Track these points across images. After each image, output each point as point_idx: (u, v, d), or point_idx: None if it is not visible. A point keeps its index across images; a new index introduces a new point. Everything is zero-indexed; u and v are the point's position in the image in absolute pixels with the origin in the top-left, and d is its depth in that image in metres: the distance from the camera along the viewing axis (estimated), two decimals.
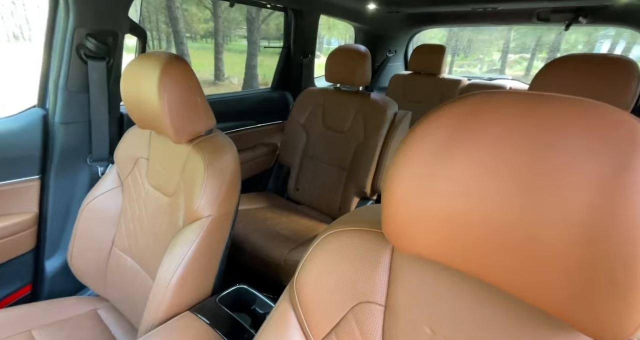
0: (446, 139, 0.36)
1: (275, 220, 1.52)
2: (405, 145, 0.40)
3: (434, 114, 0.39)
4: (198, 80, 0.93)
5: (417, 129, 0.39)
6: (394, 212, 0.42)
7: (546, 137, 0.31)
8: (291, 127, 1.75)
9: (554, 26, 2.00)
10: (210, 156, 0.88)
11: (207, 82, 7.42)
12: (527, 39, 12.48)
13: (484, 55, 13.92)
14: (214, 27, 7.05)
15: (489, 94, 0.37)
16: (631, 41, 10.77)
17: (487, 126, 0.34)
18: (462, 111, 0.37)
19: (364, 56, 1.53)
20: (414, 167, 0.38)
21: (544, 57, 12.15)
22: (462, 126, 0.36)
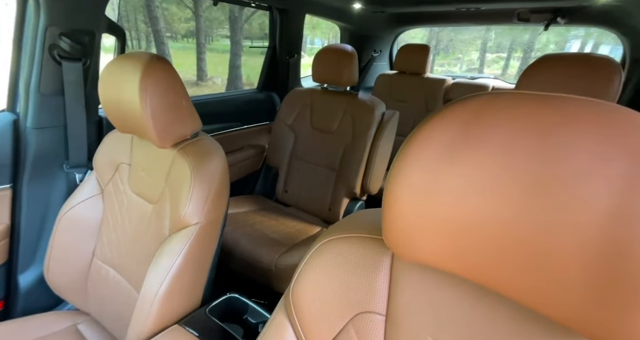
0: (450, 142, 0.34)
1: (264, 223, 1.48)
2: (406, 149, 0.38)
3: (435, 116, 0.37)
4: (182, 81, 0.89)
5: (419, 133, 0.37)
6: (395, 218, 0.40)
7: (556, 141, 0.29)
8: (279, 128, 1.72)
9: (534, 26, 2.03)
10: (196, 161, 0.84)
11: (189, 82, 7.26)
12: (503, 38, 12.86)
13: (463, 55, 14.26)
14: (196, 27, 6.90)
15: (492, 96, 0.35)
16: (599, 41, 11.26)
17: (492, 129, 0.32)
18: (465, 114, 0.35)
19: (350, 56, 1.51)
20: (416, 172, 0.36)
21: (519, 56, 12.56)
22: (466, 129, 0.34)
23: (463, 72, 13.41)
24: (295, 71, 2.04)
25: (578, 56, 0.90)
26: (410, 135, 0.38)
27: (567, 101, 0.31)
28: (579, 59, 0.89)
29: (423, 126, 0.37)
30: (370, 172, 1.49)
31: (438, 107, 2.17)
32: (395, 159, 0.39)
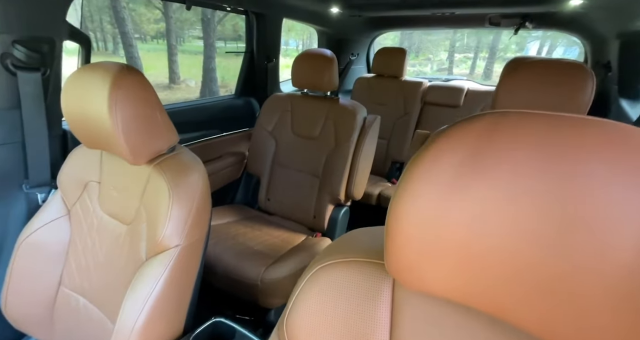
0: (459, 165, 0.32)
1: (247, 235, 1.41)
2: (412, 171, 0.35)
3: (442, 137, 0.34)
4: (156, 92, 0.81)
5: (425, 154, 0.34)
6: (399, 246, 0.36)
7: (574, 164, 0.27)
8: (259, 135, 1.65)
9: (504, 30, 2.09)
10: (174, 177, 0.77)
11: (161, 85, 6.97)
12: (470, 39, 13.35)
13: (433, 55, 14.67)
14: (166, 28, 6.63)
15: (501, 115, 0.33)
16: (554, 43, 11.93)
17: (504, 151, 0.30)
18: (474, 135, 0.32)
19: (330, 61, 1.47)
20: (423, 196, 0.33)
21: (484, 56, 13.08)
22: (476, 151, 0.31)
23: (434, 71, 13.78)
24: (274, 76, 1.98)
25: (552, 62, 0.91)
26: (416, 157, 0.35)
27: (578, 122, 0.29)
28: (554, 64, 0.90)
29: (429, 147, 0.34)
30: (354, 177, 1.46)
31: (416, 109, 2.18)
32: (400, 182, 0.36)
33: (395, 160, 2.22)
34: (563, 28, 1.92)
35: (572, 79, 0.86)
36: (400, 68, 2.20)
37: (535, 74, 0.90)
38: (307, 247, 1.35)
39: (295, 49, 15.18)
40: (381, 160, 2.24)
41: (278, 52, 1.93)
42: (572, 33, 1.94)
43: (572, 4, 1.39)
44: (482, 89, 2.09)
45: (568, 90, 0.87)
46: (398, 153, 2.21)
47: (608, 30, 1.59)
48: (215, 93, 5.99)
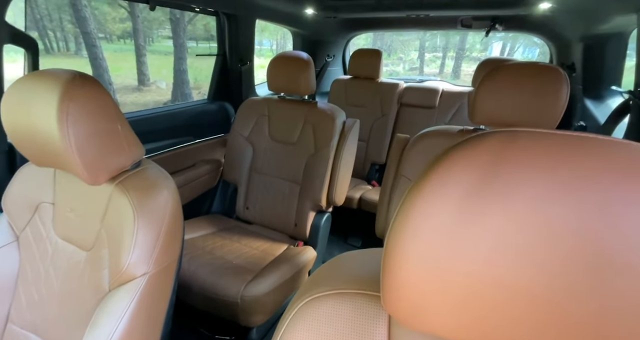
0: (467, 193, 0.28)
1: (225, 248, 1.33)
2: (413, 200, 0.30)
3: (445, 161, 0.30)
4: (116, 102, 0.72)
5: (427, 181, 0.30)
6: (398, 286, 0.32)
7: (604, 190, 0.24)
8: (235, 141, 1.57)
9: (476, 32, 2.11)
10: (140, 197, 0.68)
11: (129, 87, 6.61)
12: (438, 39, 13.73)
13: (404, 55, 14.95)
14: (133, 28, 6.29)
15: (510, 135, 0.28)
16: (514, 43, 12.51)
17: (520, 177, 0.26)
18: (481, 159, 0.28)
19: (307, 64, 1.41)
20: (424, 232, 0.29)
21: (452, 55, 13.50)
22: (486, 178, 0.27)
23: (406, 71, 14.04)
24: (248, 79, 1.89)
25: (529, 65, 0.90)
26: (414, 187, 0.30)
27: (602, 143, 0.26)
28: (530, 68, 0.89)
29: (431, 173, 0.29)
30: (335, 183, 1.41)
31: (393, 111, 2.17)
32: (397, 216, 0.31)
33: (374, 162, 2.20)
34: (530, 30, 1.97)
35: (549, 82, 0.86)
36: (376, 70, 2.17)
37: (512, 76, 0.89)
38: (289, 258, 1.29)
39: (270, 49, 14.97)
40: (360, 163, 2.21)
41: (252, 54, 1.84)
42: (539, 35, 1.99)
43: (541, 7, 1.41)
44: (456, 89, 2.11)
45: (545, 93, 0.86)
46: (377, 155, 2.18)
47: (572, 33, 1.63)
48: (187, 96, 5.75)
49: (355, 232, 2.08)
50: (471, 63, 13.38)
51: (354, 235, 2.07)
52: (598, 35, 1.48)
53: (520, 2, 1.43)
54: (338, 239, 2.07)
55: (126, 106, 5.88)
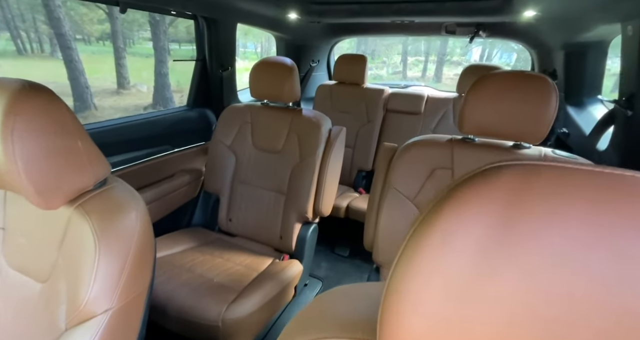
0: (483, 240, 0.23)
1: (206, 264, 1.24)
2: (420, 238, 0.26)
3: (457, 196, 0.25)
4: (75, 115, 0.64)
5: (429, 232, 0.25)
6: (400, 336, 0.26)
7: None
8: (216, 150, 1.49)
9: (460, 38, 2.11)
10: (103, 221, 0.60)
11: (108, 91, 6.37)
12: (420, 44, 13.97)
13: (387, 59, 15.13)
14: (111, 29, 6.07)
15: (532, 170, 0.24)
16: (492, 48, 12.89)
17: (547, 221, 0.22)
18: (502, 195, 0.24)
19: (290, 70, 1.35)
20: (434, 275, 0.25)
21: (434, 59, 13.77)
22: (507, 218, 0.23)
23: (389, 74, 14.20)
24: (230, 85, 1.81)
25: (517, 75, 0.87)
26: (424, 222, 0.26)
27: (637, 181, 0.22)
28: (519, 76, 0.86)
29: (441, 211, 0.25)
30: (322, 193, 1.35)
31: (378, 117, 2.13)
32: (404, 251, 0.27)
33: (361, 168, 2.16)
34: (514, 37, 1.97)
35: (538, 92, 0.83)
36: (361, 75, 2.13)
37: (501, 86, 0.86)
38: (275, 273, 1.22)
39: (254, 52, 14.83)
40: (347, 169, 2.16)
41: (233, 59, 1.76)
42: (522, 42, 2.00)
43: (525, 15, 1.41)
44: (441, 95, 2.09)
45: (534, 103, 0.83)
46: (364, 162, 2.14)
47: (554, 40, 1.64)
48: (167, 99, 5.58)
49: (342, 241, 2.03)
50: (452, 67, 13.68)
51: (341, 245, 2.02)
52: (579, 44, 1.49)
53: (505, 10, 1.42)
54: (325, 249, 2.01)
55: (105, 110, 5.65)
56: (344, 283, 1.86)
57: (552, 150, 0.91)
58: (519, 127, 0.84)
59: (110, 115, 5.48)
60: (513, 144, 0.93)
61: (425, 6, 1.60)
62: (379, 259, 1.03)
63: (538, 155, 0.88)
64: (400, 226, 0.99)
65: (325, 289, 1.69)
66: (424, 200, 0.96)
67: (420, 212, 0.28)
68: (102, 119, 1.40)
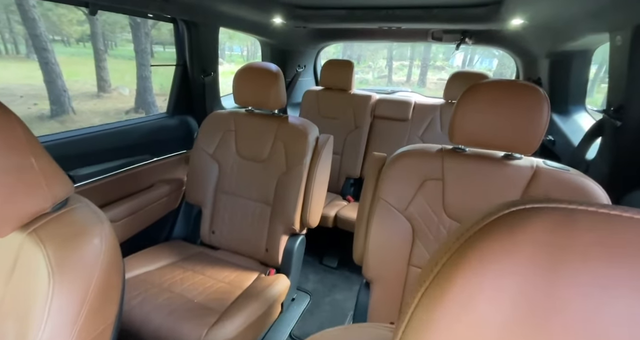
0: (511, 309, 0.19)
1: (186, 282, 1.16)
2: (435, 296, 0.22)
3: (471, 256, 0.20)
4: (28, 129, 0.56)
5: (446, 293, 0.21)
6: None
7: None
8: (198, 158, 1.41)
9: (447, 44, 2.10)
10: (60, 249, 0.53)
11: (88, 94, 6.12)
12: (404, 49, 14.19)
13: (373, 63, 15.29)
14: (91, 31, 5.86)
15: (565, 216, 0.20)
16: (474, 54, 13.26)
17: (586, 277, 0.19)
18: (532, 248, 0.19)
19: (276, 76, 1.29)
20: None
21: (418, 64, 14.00)
22: (539, 278, 0.19)
23: (375, 78, 14.34)
24: (212, 91, 1.73)
25: (508, 84, 0.84)
26: (430, 286, 0.22)
27: None
28: (510, 87, 0.84)
29: (452, 275, 0.21)
30: (309, 203, 1.29)
31: (366, 123, 2.09)
32: (411, 317, 0.23)
33: (349, 176, 2.11)
34: (499, 45, 1.98)
35: (530, 102, 0.81)
36: (348, 81, 2.09)
37: (492, 96, 0.83)
38: (260, 290, 1.15)
39: (240, 55, 14.69)
40: (335, 177, 2.11)
41: (216, 64, 1.69)
42: (507, 50, 2.01)
43: (513, 23, 1.40)
44: (428, 102, 2.08)
45: (526, 114, 0.80)
46: (352, 169, 2.10)
47: (539, 49, 1.64)
48: (150, 104, 5.41)
49: (331, 252, 1.97)
50: (435, 71, 13.93)
51: (330, 256, 1.96)
52: (564, 52, 1.49)
53: (493, 18, 1.41)
54: (313, 260, 1.95)
55: (83, 115, 5.43)
56: (333, 296, 1.79)
57: (543, 161, 0.89)
58: (511, 137, 0.81)
59: (89, 119, 5.26)
60: (504, 155, 0.90)
61: (413, 13, 1.57)
62: (368, 274, 0.98)
63: (530, 166, 0.85)
64: (390, 239, 0.94)
65: (314, 303, 1.63)
66: (414, 211, 0.91)
67: (431, 262, 0.23)
68: (81, 123, 1.30)
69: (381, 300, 0.97)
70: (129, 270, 1.16)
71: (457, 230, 0.24)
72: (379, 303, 0.97)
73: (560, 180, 0.79)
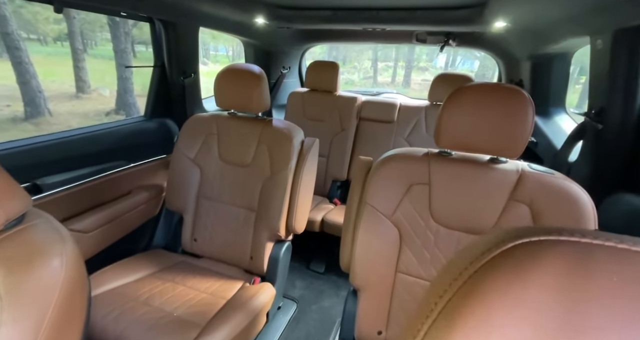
0: None
1: (166, 294, 1.10)
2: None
3: (477, 295, 0.18)
4: None
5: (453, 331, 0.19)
6: None
7: None
8: (179, 163, 1.35)
9: (431, 46, 2.10)
10: (12, 273, 0.48)
11: (66, 95, 5.88)
12: (389, 50, 14.31)
13: (358, 64, 15.36)
14: (68, 30, 5.62)
15: (583, 253, 0.18)
16: (456, 55, 13.50)
17: (613, 305, 0.17)
18: (545, 288, 0.18)
19: (259, 78, 1.25)
20: None
21: (403, 65, 14.15)
22: (557, 319, 0.17)
23: (360, 79, 14.41)
24: (193, 93, 1.67)
25: (493, 88, 0.83)
26: (434, 325, 0.20)
27: None
28: (495, 90, 0.82)
29: (456, 316, 0.19)
30: (295, 209, 1.25)
31: (352, 125, 2.07)
32: None
33: (336, 178, 2.08)
34: (482, 47, 1.99)
35: (515, 106, 0.80)
36: (333, 83, 2.06)
37: (478, 99, 0.82)
38: (245, 301, 1.10)
39: (226, 55, 14.46)
40: (321, 180, 2.07)
41: (196, 65, 1.62)
42: (490, 52, 2.02)
43: (496, 26, 1.40)
44: (413, 104, 2.07)
45: (512, 117, 0.80)
46: (338, 171, 2.06)
47: (522, 51, 1.65)
48: (130, 105, 5.23)
49: (318, 256, 1.93)
50: (419, 72, 14.11)
51: (317, 261, 1.92)
52: (545, 55, 1.50)
53: (476, 20, 1.41)
54: (300, 265, 1.91)
55: (60, 116, 5.20)
56: (320, 303, 1.75)
57: (528, 165, 0.88)
58: (497, 141, 0.80)
59: (66, 121, 5.04)
60: (490, 159, 0.89)
61: (397, 14, 1.56)
62: (356, 282, 0.95)
63: (515, 170, 0.84)
64: (378, 246, 0.92)
65: (301, 311, 1.59)
66: (401, 217, 0.89)
67: (435, 293, 0.20)
68: (58, 126, 1.21)
69: (369, 309, 0.94)
70: (104, 284, 1.09)
71: (462, 258, 0.21)
72: (367, 311, 0.95)
73: (545, 184, 0.79)
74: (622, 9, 0.83)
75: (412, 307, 0.91)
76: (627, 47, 0.89)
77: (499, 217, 0.82)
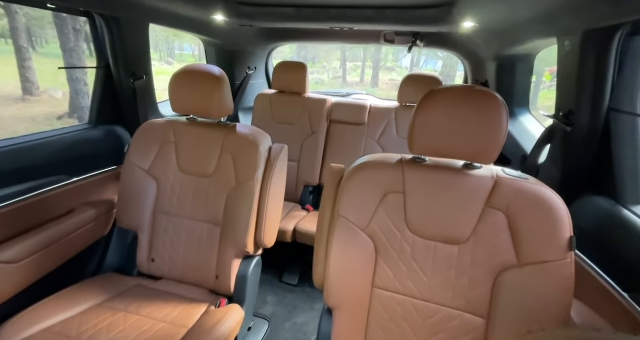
0: None
1: (115, 329, 0.95)
2: None
3: None
4: None
5: None
6: None
7: None
8: (131, 175, 1.19)
9: (399, 47, 2.05)
10: None
11: (11, 98, 5.28)
12: (357, 50, 14.44)
13: (327, 63, 15.37)
14: (10, 26, 5.06)
15: None
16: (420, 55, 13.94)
17: None
18: None
19: (219, 80, 1.12)
20: None
21: (370, 64, 14.33)
22: None
23: (330, 79, 14.41)
24: (146, 97, 1.49)
25: (466, 91, 0.78)
26: None
27: None
28: (468, 93, 0.78)
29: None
30: (263, 222, 1.14)
31: (322, 128, 1.98)
32: None
33: (307, 183, 1.98)
34: (450, 47, 1.97)
35: (489, 110, 0.76)
36: (302, 84, 1.96)
37: (451, 103, 0.77)
38: (209, 328, 0.97)
39: (192, 54, 13.85)
40: (293, 185, 1.97)
41: (148, 65, 1.45)
42: (456, 53, 2.01)
43: (464, 26, 1.36)
44: (383, 105, 2.02)
45: (486, 121, 0.76)
46: (310, 176, 1.97)
47: (487, 52, 1.64)
48: (83, 108, 4.79)
49: (290, 267, 1.83)
50: (386, 72, 14.36)
51: (289, 272, 1.82)
52: (510, 56, 1.50)
53: (445, 19, 1.36)
54: (272, 278, 1.79)
55: (3, 121, 4.65)
56: (294, 320, 1.63)
57: (502, 169, 0.85)
58: (471, 146, 0.76)
59: (10, 126, 4.51)
60: (464, 164, 0.84)
61: (364, 12, 1.48)
62: (330, 301, 0.86)
63: (490, 175, 0.80)
64: (352, 261, 0.84)
65: (272, 331, 1.48)
66: (376, 228, 0.82)
67: None
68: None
69: (345, 329, 0.86)
70: (37, 322, 0.92)
71: None
72: (342, 332, 0.87)
73: (520, 189, 0.76)
74: (592, 9, 0.80)
75: (389, 325, 0.84)
76: (596, 48, 0.87)
77: (476, 225, 0.77)
